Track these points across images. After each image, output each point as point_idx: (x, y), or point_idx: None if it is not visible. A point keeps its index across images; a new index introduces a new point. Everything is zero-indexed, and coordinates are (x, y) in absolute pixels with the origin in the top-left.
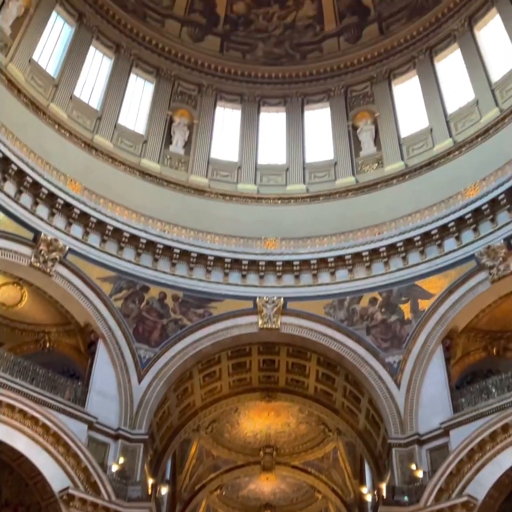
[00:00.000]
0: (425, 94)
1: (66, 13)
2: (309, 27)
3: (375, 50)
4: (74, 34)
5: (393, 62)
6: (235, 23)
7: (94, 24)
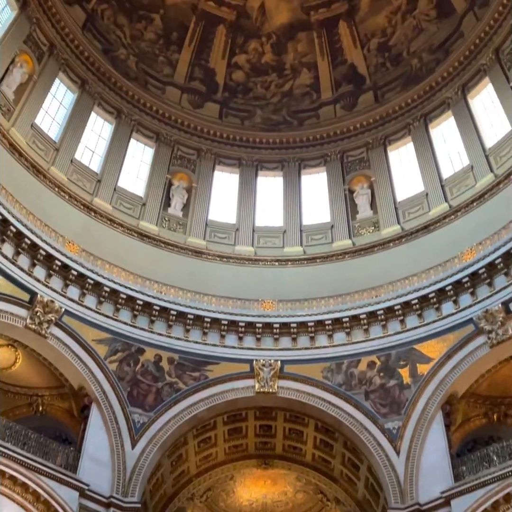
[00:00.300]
0: (420, 159)
1: (69, 80)
2: (306, 95)
3: (370, 117)
4: (76, 100)
5: (389, 129)
6: (234, 90)
7: (96, 90)
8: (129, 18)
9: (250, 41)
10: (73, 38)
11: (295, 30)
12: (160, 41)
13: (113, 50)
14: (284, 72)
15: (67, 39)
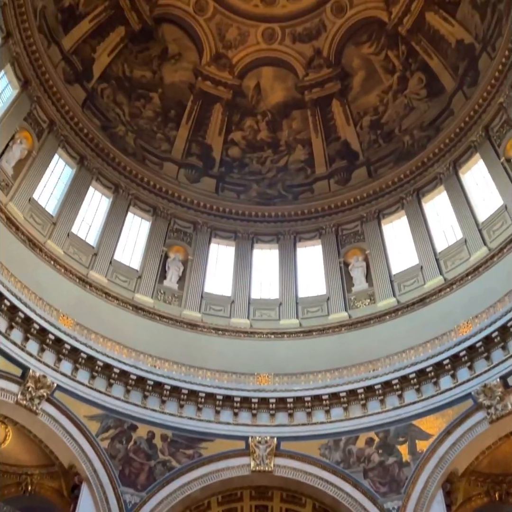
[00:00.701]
0: (414, 233)
1: (67, 155)
2: (300, 170)
3: (364, 191)
4: (74, 175)
5: (382, 203)
6: (230, 165)
7: (94, 166)
8: (128, 96)
9: (246, 119)
10: (73, 116)
11: (290, 108)
12: (158, 118)
13: (112, 127)
14: (279, 148)
15: (67, 117)
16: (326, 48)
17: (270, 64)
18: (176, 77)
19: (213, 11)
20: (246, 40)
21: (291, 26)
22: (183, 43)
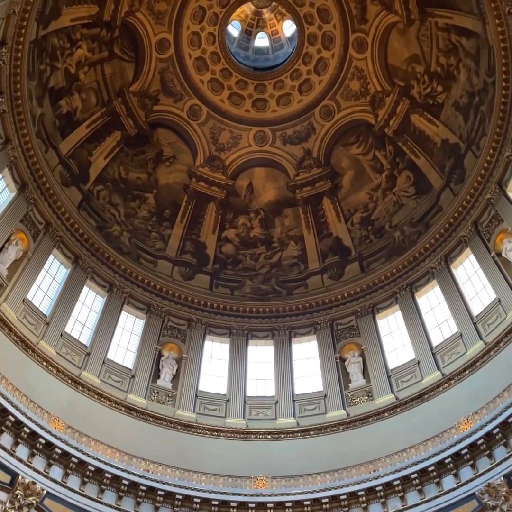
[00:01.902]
0: (409, 327)
1: (63, 256)
2: (294, 265)
3: (357, 286)
4: (69, 275)
5: (376, 297)
6: (224, 262)
7: (89, 265)
8: (124, 197)
9: (239, 217)
10: (69, 217)
11: (282, 206)
12: (153, 218)
13: (107, 227)
14: (272, 244)
15: (63, 218)
16: (315, 149)
17: (262, 165)
18: (171, 178)
19: (206, 116)
20: (238, 142)
21: (282, 129)
22: (177, 146)
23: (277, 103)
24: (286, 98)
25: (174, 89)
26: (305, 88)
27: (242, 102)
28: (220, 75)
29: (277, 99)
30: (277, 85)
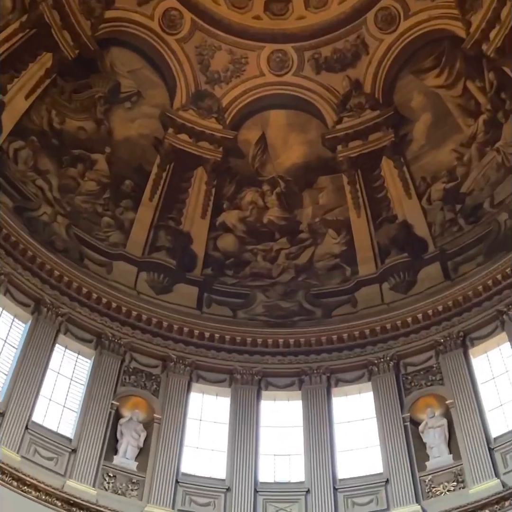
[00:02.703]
0: None
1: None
2: (334, 269)
3: (439, 302)
4: None
5: (470, 321)
6: (220, 265)
7: (2, 271)
8: (58, 160)
9: (244, 191)
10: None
11: (314, 174)
12: (104, 193)
13: (30, 208)
14: (298, 235)
15: None
16: (369, 80)
17: (282, 105)
18: (134, 129)
19: (190, 27)
20: (242, 70)
21: (313, 48)
22: (143, 76)
23: (306, 4)
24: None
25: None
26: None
27: (248, 3)
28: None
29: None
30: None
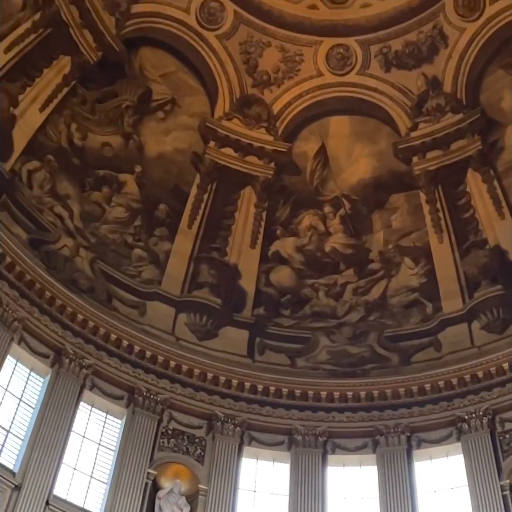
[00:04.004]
0: None
1: None
2: (412, 306)
3: None
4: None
5: None
6: (275, 303)
7: (16, 316)
8: (79, 183)
9: (302, 214)
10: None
11: (385, 191)
12: (135, 220)
13: (48, 240)
14: (368, 266)
15: None
16: (449, 77)
17: (344, 110)
18: (168, 144)
19: (233, 20)
20: (296, 69)
21: (381, 41)
22: (179, 80)
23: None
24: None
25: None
26: None
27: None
28: None
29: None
30: None
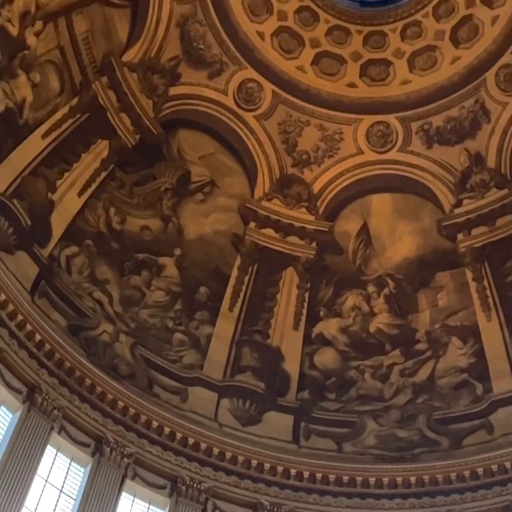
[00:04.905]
0: None
1: (4, 387)
2: (462, 387)
3: None
4: (18, 423)
5: None
6: (319, 387)
7: (56, 404)
8: (119, 267)
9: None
10: (15, 310)
11: (431, 269)
12: (175, 304)
13: (88, 326)
14: (415, 346)
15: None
16: (492, 153)
17: (386, 188)
18: (208, 225)
19: (271, 100)
20: (336, 148)
21: (422, 117)
22: (218, 161)
23: (410, 66)
24: (427, 55)
25: (207, 53)
26: (463, 33)
27: (340, 68)
28: (296, 21)
29: (409, 59)
30: (408, 31)
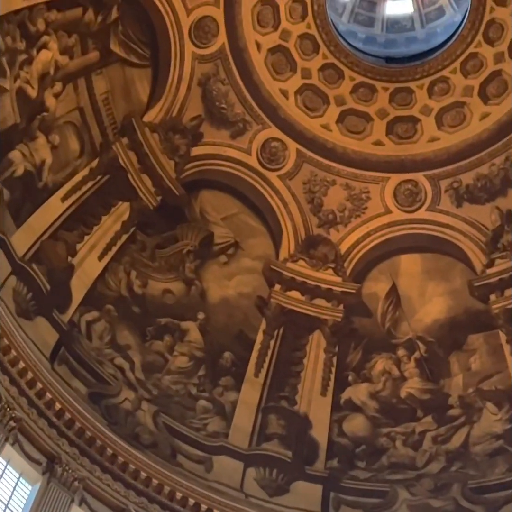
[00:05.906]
0: None
1: (24, 458)
2: (496, 455)
3: None
4: (38, 495)
5: None
6: (348, 454)
7: (77, 475)
8: (140, 333)
9: (375, 358)
10: (33, 379)
11: (463, 331)
12: (199, 370)
13: (108, 394)
14: (448, 412)
15: (22, 381)
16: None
17: (415, 248)
18: (232, 288)
19: (295, 160)
20: (363, 207)
21: (451, 175)
22: (241, 222)
23: (438, 123)
24: (455, 112)
25: (230, 112)
26: (492, 89)
27: (366, 127)
28: (321, 78)
29: (437, 116)
30: (436, 87)
